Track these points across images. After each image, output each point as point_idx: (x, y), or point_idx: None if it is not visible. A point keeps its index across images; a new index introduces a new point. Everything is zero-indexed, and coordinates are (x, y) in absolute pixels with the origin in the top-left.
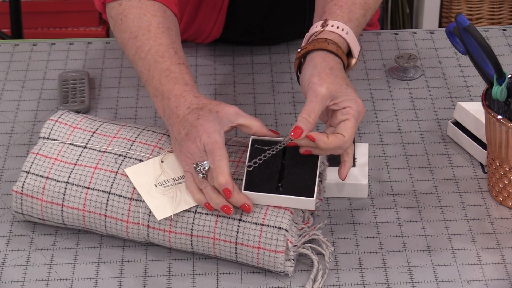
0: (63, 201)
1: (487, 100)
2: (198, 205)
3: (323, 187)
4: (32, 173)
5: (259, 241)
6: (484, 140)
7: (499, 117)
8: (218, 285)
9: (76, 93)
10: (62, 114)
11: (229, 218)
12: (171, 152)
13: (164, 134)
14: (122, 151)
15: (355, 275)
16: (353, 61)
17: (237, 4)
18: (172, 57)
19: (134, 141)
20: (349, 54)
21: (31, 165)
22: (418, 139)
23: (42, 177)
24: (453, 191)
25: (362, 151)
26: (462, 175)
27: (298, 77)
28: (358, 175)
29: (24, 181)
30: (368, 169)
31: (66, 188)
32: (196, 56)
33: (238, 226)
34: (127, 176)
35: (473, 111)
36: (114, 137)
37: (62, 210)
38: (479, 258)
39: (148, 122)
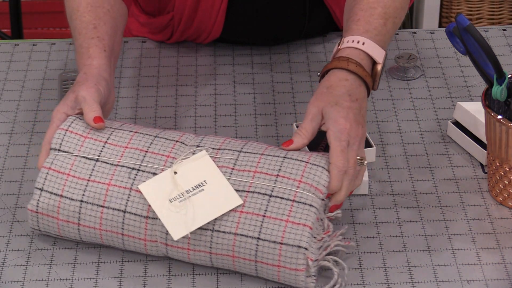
0: (79, 220)
1: (487, 100)
2: (215, 222)
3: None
4: (46, 191)
5: (279, 260)
6: (484, 140)
7: (499, 117)
8: (218, 285)
9: None
10: (73, 122)
11: (247, 236)
12: (184, 159)
13: (177, 141)
14: (135, 164)
15: (355, 275)
16: (379, 67)
17: (237, 3)
18: (87, 33)
19: (146, 151)
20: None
21: (44, 182)
22: (418, 139)
23: (56, 195)
24: (453, 191)
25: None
26: (462, 175)
27: None
28: None
29: (38, 200)
30: (368, 168)
31: (81, 207)
32: (196, 56)
33: (257, 244)
34: (141, 193)
35: (473, 111)
36: (126, 147)
37: (78, 229)
38: (479, 258)
39: (148, 122)
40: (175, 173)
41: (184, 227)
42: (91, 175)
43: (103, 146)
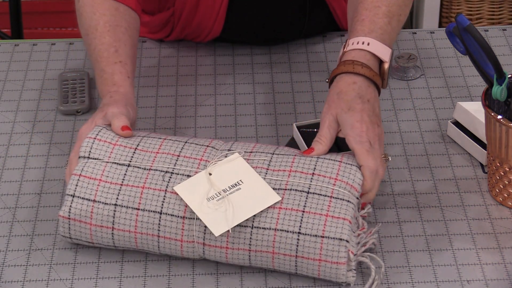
0: (113, 224)
1: (487, 100)
2: (254, 219)
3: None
4: (78, 197)
5: (320, 253)
6: (484, 140)
7: (499, 117)
8: (218, 285)
9: (76, 93)
10: (100, 131)
11: (287, 231)
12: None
13: (208, 146)
14: (168, 168)
15: (355, 275)
16: (386, 65)
17: (237, 1)
18: (109, 57)
19: (178, 156)
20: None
21: (76, 188)
22: (418, 139)
23: (89, 200)
24: (453, 191)
25: None
26: (462, 175)
27: None
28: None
29: (70, 206)
30: None
31: (115, 211)
32: (196, 56)
33: (298, 239)
34: (177, 194)
35: (473, 111)
36: (157, 152)
37: (112, 234)
38: (479, 258)
39: (148, 122)
40: (210, 174)
41: (224, 223)
42: (123, 179)
43: (134, 152)
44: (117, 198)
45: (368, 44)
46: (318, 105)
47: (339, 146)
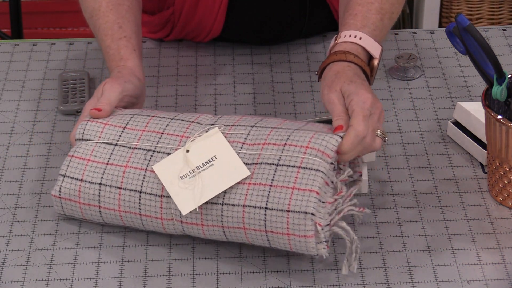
0: (99, 203)
1: (487, 100)
2: (224, 196)
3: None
4: (68, 176)
5: (288, 228)
6: (484, 140)
7: (499, 117)
8: (218, 285)
9: (76, 93)
10: None
11: (255, 207)
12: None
13: (193, 121)
14: (151, 146)
15: (355, 275)
16: (375, 61)
17: (237, 1)
18: (114, 33)
19: (162, 133)
20: (371, 58)
21: (67, 168)
22: (418, 139)
23: (77, 179)
24: (453, 191)
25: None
26: (462, 175)
27: None
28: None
29: (61, 185)
30: (368, 168)
31: (100, 190)
32: (196, 56)
33: (265, 214)
34: (155, 173)
35: (473, 111)
36: (143, 130)
37: (100, 211)
38: (479, 258)
39: None
40: (188, 151)
41: (193, 202)
42: (109, 158)
43: (122, 131)
44: (101, 177)
45: (360, 38)
46: (318, 105)
47: None
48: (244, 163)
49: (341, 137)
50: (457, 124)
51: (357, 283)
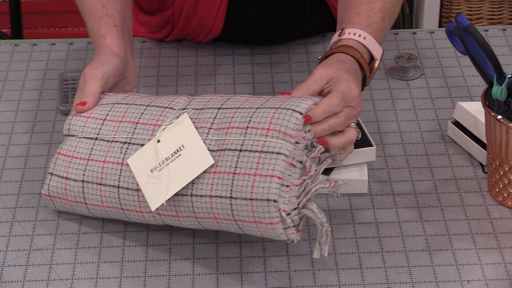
0: (85, 200)
1: (487, 100)
2: (193, 187)
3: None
4: (55, 175)
5: (253, 216)
6: (484, 140)
7: (499, 117)
8: (218, 285)
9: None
10: None
11: (221, 197)
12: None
13: (166, 107)
14: (126, 138)
15: (355, 275)
16: (376, 63)
17: (237, 1)
18: (97, 13)
19: (137, 123)
20: (371, 58)
21: (54, 166)
22: (418, 139)
23: (62, 177)
24: (453, 191)
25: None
26: (462, 175)
27: None
28: (357, 171)
29: (49, 184)
30: (368, 168)
31: (83, 187)
32: (196, 56)
33: (231, 204)
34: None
35: (473, 111)
36: (121, 121)
37: (87, 208)
38: (479, 258)
39: None
40: (159, 141)
41: (161, 196)
42: (90, 154)
43: (102, 124)
44: (83, 174)
45: (365, 38)
46: None
47: None
48: (210, 150)
49: (312, 101)
50: (457, 124)
51: (357, 283)
